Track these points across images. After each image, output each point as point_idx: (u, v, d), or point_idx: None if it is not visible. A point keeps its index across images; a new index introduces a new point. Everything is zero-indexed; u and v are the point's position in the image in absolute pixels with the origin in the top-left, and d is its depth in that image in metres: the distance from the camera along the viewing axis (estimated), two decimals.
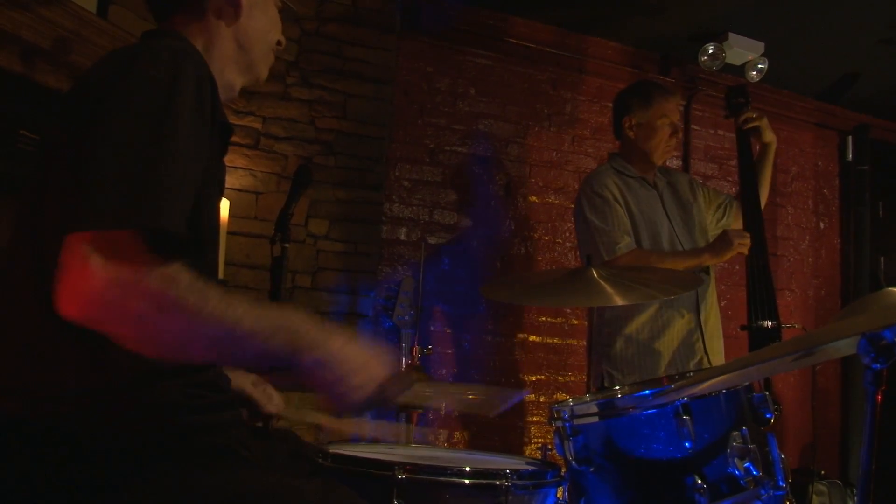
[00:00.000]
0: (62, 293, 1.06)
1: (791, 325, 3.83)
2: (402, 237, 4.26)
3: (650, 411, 1.61)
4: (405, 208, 4.29)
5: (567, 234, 4.67)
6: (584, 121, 4.81)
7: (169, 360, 1.17)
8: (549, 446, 1.90)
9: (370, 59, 3.97)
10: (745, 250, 2.92)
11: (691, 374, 2.10)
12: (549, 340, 4.54)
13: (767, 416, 1.67)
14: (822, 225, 5.56)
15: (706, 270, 3.08)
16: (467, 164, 4.47)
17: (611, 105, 3.37)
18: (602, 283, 2.25)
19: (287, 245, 2.64)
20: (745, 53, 4.57)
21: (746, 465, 1.56)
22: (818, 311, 5.43)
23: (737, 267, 4.64)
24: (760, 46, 4.58)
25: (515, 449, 4.33)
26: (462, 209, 4.43)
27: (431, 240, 4.30)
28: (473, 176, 4.48)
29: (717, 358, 3.04)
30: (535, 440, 4.44)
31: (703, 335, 3.01)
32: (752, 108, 3.36)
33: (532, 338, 4.50)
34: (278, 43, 1.56)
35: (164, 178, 1.10)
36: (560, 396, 4.48)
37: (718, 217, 3.33)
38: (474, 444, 4.25)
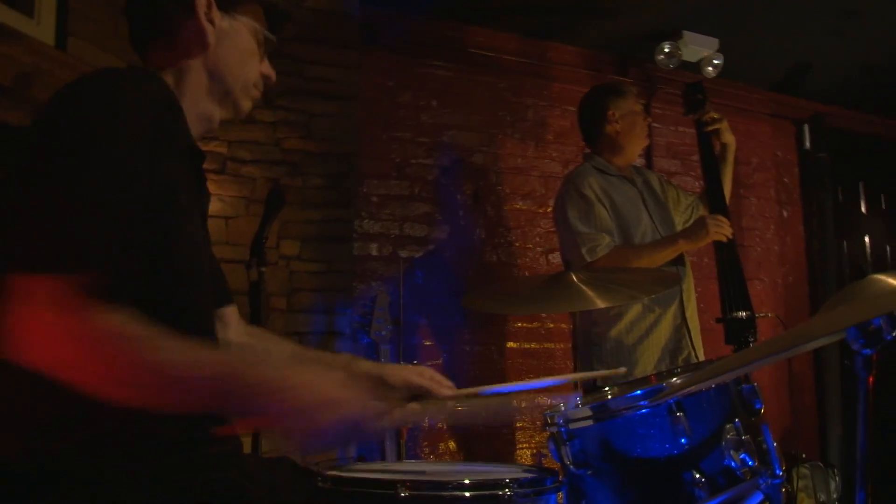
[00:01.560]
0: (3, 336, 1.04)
1: (764, 314, 3.88)
2: (374, 252, 4.25)
3: (644, 411, 1.63)
4: (375, 224, 4.28)
5: (538, 240, 4.70)
6: (547, 126, 4.84)
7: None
8: (544, 452, 1.91)
9: (332, 76, 3.95)
10: (723, 235, 2.92)
11: (678, 370, 2.13)
12: (527, 346, 4.55)
13: (758, 406, 1.69)
14: (785, 213, 5.66)
15: (682, 263, 3.11)
16: (434, 176, 4.47)
17: (572, 109, 3.41)
18: (582, 287, 2.27)
19: (264, 269, 2.62)
20: (701, 50, 4.66)
21: (742, 456, 1.58)
22: (787, 298, 5.52)
23: (706, 260, 4.70)
24: (715, 42, 4.67)
25: (501, 456, 4.33)
26: (432, 221, 4.43)
27: (403, 253, 4.29)
28: (441, 187, 4.49)
29: (700, 352, 3.08)
30: (521, 445, 4.44)
31: (689, 330, 3.05)
32: (710, 104, 3.41)
33: (510, 344, 4.51)
34: (267, 77, 1.55)
35: (96, 220, 1.08)
36: (541, 400, 4.48)
37: (685, 219, 3.35)
38: (460, 454, 4.24)
